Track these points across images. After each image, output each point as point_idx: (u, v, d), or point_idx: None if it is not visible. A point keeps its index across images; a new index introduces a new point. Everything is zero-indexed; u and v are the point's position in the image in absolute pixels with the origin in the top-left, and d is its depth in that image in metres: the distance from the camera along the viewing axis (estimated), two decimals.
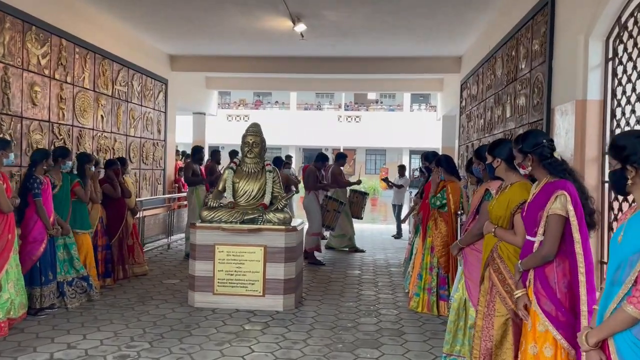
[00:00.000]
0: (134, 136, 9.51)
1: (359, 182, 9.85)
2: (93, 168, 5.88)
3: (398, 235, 11.38)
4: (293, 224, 5.56)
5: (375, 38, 9.33)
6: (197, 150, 8.55)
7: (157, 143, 10.60)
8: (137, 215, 7.88)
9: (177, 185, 11.32)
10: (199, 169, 8.50)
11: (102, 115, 8.35)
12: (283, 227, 5.36)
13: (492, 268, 3.19)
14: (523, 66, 6.30)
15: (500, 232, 3.16)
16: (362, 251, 9.32)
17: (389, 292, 6.39)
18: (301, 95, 34.18)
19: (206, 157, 11.84)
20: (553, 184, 2.77)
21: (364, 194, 9.90)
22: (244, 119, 31.16)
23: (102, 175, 6.72)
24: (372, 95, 36.14)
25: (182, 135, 14.43)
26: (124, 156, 8.76)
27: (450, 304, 4.60)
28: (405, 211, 11.61)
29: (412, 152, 33.14)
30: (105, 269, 6.25)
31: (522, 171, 2.98)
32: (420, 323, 5.12)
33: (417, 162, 30.91)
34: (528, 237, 2.88)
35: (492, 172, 3.34)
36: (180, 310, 5.33)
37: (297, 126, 30.88)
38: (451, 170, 5.49)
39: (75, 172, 5.76)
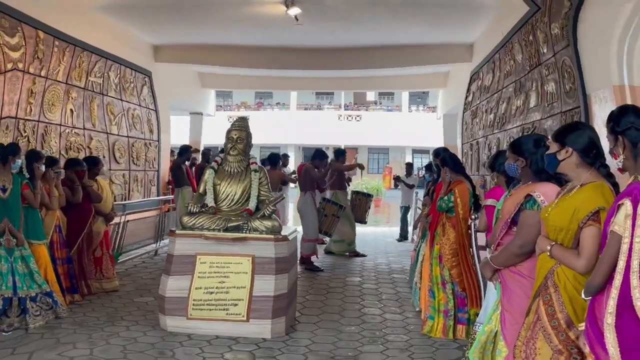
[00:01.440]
0: (117, 134, 8.68)
1: (362, 167, 8.79)
2: (43, 167, 5.03)
3: (402, 238, 10.50)
4: (284, 232, 4.73)
5: (377, 24, 8.48)
6: (185, 150, 7.78)
7: (149, 143, 9.77)
8: (118, 220, 7.07)
9: (171, 187, 10.53)
10: (185, 169, 7.71)
11: (71, 109, 7.48)
12: (272, 236, 4.53)
13: (542, 299, 2.36)
14: (545, 50, 5.47)
15: (557, 252, 2.32)
16: (364, 255, 8.52)
17: (395, 308, 5.56)
18: (301, 97, 33.49)
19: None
20: (630, 187, 1.97)
21: (367, 196, 9.10)
22: None
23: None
24: (370, 97, 35.42)
25: (179, 136, 13.66)
26: (103, 156, 7.99)
27: (473, 331, 3.77)
28: (412, 214, 10.74)
29: (415, 150, 32.31)
30: (71, 284, 5.41)
31: (615, 163, 2.11)
32: (432, 349, 4.30)
33: (420, 161, 30.08)
34: None
35: (554, 166, 2.46)
36: (153, 334, 4.51)
37: (297, 125, 30.09)
38: (458, 169, 4.75)
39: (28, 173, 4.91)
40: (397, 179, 10.80)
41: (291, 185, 9.98)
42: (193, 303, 4.53)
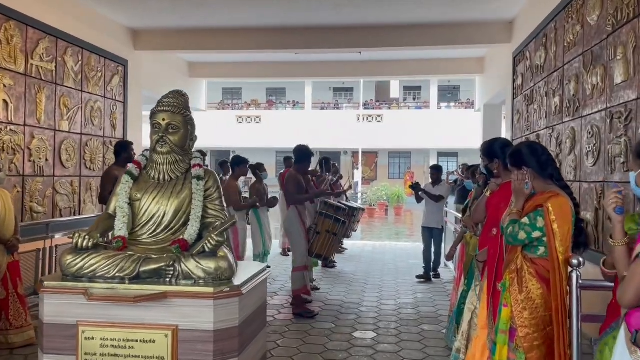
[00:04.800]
0: (68, 131, 7.00)
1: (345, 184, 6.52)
2: None
3: (426, 277, 7.21)
4: (239, 279, 2.87)
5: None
6: (123, 148, 5.82)
7: (110, 142, 8.07)
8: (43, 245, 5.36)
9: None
10: None
11: (4, 100, 5.85)
12: (211, 289, 2.68)
13: None
14: None
15: None
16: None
17: None
18: (317, 94, 31.48)
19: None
20: None
21: (338, 210, 6.03)
22: (255, 120, 28.75)
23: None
24: (394, 93, 33.13)
25: None
26: (46, 158, 6.39)
27: None
28: (448, 237, 7.92)
29: (441, 154, 30.10)
30: None
31: None
32: None
33: (446, 166, 27.89)
34: None
35: None
36: None
37: (313, 127, 28.19)
38: (548, 172, 2.74)
39: None
40: (415, 187, 7.34)
41: None
42: None
